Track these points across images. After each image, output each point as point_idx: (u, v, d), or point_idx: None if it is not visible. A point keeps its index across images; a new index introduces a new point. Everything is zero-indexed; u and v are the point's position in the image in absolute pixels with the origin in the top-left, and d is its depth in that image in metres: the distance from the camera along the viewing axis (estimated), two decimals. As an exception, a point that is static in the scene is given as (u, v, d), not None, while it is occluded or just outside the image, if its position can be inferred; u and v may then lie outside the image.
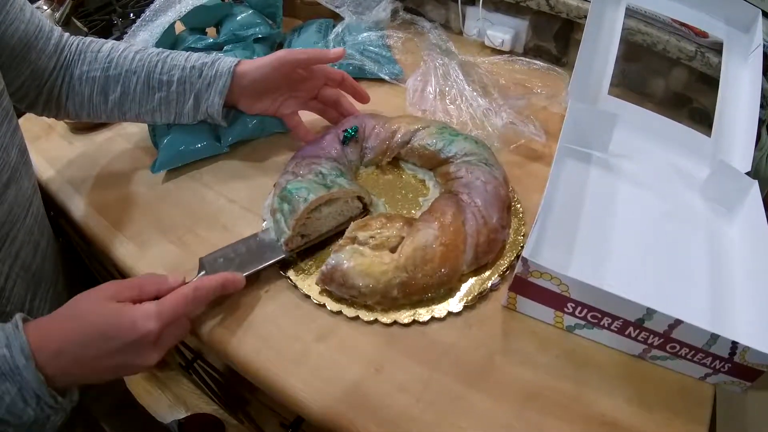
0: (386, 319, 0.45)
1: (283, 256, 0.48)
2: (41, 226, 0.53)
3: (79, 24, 0.99)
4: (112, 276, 0.95)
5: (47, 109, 0.56)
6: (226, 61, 0.55)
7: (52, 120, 0.81)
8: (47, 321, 0.37)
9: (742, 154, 0.54)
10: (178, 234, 0.57)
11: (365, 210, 0.53)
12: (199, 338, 0.47)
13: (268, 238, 0.49)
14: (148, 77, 0.53)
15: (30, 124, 0.81)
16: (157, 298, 0.40)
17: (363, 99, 0.62)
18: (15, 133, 0.47)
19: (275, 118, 0.62)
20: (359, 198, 0.52)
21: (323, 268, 0.46)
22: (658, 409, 0.40)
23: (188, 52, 0.56)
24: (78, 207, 0.64)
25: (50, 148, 0.76)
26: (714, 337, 0.38)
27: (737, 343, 0.37)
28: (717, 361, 0.39)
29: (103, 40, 0.56)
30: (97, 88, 0.54)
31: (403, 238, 0.46)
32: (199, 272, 0.47)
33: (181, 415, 1.19)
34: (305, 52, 0.56)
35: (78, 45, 0.55)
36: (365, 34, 0.72)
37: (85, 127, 0.76)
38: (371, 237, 0.46)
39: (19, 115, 0.80)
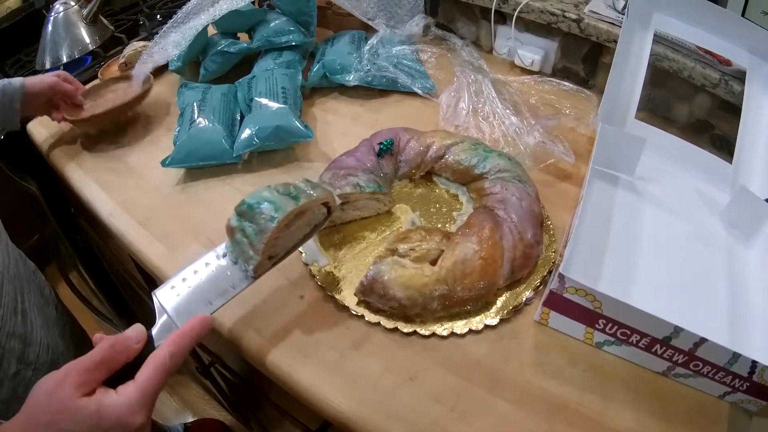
0: (425, 330, 0.46)
1: (251, 283, 0.43)
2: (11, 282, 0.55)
3: (106, 22, 1.00)
4: (131, 276, 0.95)
5: None
6: None
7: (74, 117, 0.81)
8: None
9: (762, 181, 0.56)
10: (209, 237, 0.58)
11: (329, 214, 0.48)
12: (237, 348, 0.48)
13: (225, 262, 0.43)
14: None
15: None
16: (126, 364, 0.36)
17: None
18: None
19: (290, 130, 0.64)
20: (324, 203, 0.47)
21: (363, 279, 0.47)
22: (679, 425, 0.41)
23: None
24: (104, 205, 0.65)
25: (72, 145, 0.76)
26: (735, 356, 0.39)
27: (757, 362, 0.39)
28: (737, 380, 0.41)
29: None
30: None
31: (442, 251, 0.47)
32: (157, 313, 0.40)
33: (188, 419, 1.18)
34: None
35: None
36: (399, 48, 0.74)
37: (106, 128, 0.76)
38: (411, 249, 0.47)
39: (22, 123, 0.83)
